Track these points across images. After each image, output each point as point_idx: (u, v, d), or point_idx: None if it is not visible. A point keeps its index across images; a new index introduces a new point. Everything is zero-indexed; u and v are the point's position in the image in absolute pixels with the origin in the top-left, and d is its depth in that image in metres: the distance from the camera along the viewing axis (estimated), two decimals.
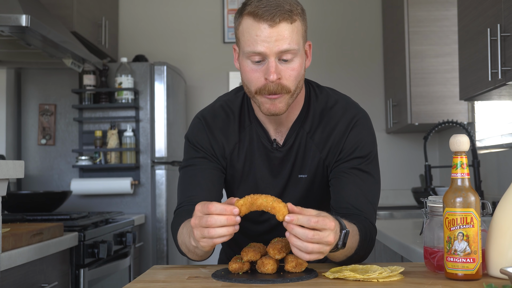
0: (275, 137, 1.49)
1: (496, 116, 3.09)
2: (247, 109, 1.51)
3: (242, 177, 1.51)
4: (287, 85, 1.36)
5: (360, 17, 4.20)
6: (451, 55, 3.36)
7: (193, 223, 1.18)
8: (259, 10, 1.32)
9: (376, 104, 4.14)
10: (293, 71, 1.36)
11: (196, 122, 1.53)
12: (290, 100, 1.39)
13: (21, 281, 1.93)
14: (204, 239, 1.17)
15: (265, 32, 1.32)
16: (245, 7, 1.36)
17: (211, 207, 1.15)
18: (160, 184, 3.49)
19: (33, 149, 3.50)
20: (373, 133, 1.49)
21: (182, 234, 1.35)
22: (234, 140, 1.50)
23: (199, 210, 1.18)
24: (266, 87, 1.35)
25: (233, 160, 1.50)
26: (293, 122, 1.48)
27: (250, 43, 1.34)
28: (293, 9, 1.34)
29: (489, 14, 2.15)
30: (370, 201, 1.43)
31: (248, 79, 1.39)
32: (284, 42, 1.32)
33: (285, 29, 1.32)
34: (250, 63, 1.36)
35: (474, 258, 1.15)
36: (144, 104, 3.48)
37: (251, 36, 1.33)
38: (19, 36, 2.64)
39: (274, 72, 1.33)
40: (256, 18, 1.32)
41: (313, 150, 1.47)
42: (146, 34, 4.21)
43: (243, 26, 1.36)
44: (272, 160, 1.49)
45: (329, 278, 1.21)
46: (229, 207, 1.16)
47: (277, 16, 1.31)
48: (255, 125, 1.50)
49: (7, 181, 1.74)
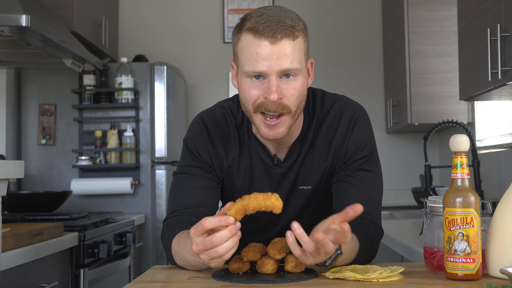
0: (275, 153, 1.45)
1: (496, 116, 3.09)
2: (246, 124, 1.46)
3: (241, 193, 1.45)
4: (288, 105, 1.31)
5: (360, 17, 4.20)
6: (451, 55, 3.36)
7: (196, 250, 1.13)
8: (259, 26, 1.26)
9: (376, 104, 4.14)
10: (295, 91, 1.31)
11: (196, 127, 1.48)
12: (291, 122, 1.34)
13: (21, 281, 1.93)
14: (213, 259, 1.13)
15: (266, 49, 1.26)
16: (244, 23, 1.30)
17: (206, 224, 1.11)
18: (160, 184, 3.49)
19: (33, 149, 3.50)
20: (371, 128, 1.47)
21: (179, 253, 1.29)
22: (233, 154, 1.46)
23: (195, 234, 1.13)
24: (264, 105, 1.30)
25: (231, 174, 1.47)
26: (295, 139, 1.44)
27: (250, 62, 1.28)
28: (295, 24, 1.29)
29: (489, 14, 2.15)
30: (375, 201, 1.42)
31: (246, 98, 1.33)
32: (286, 60, 1.27)
33: (287, 46, 1.27)
34: (250, 81, 1.31)
35: (474, 258, 1.15)
36: (144, 104, 3.48)
37: (251, 54, 1.28)
38: (19, 36, 2.64)
39: (275, 91, 1.28)
40: (256, 34, 1.27)
41: (317, 161, 1.44)
42: (146, 34, 4.21)
43: (242, 43, 1.30)
44: (273, 176, 1.46)
45: (329, 278, 1.21)
46: (223, 217, 1.12)
47: (278, 32, 1.25)
48: (254, 141, 1.45)
49: (7, 181, 1.74)
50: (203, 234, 1.13)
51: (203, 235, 1.13)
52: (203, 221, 1.11)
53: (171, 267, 1.39)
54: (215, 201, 1.47)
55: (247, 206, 1.14)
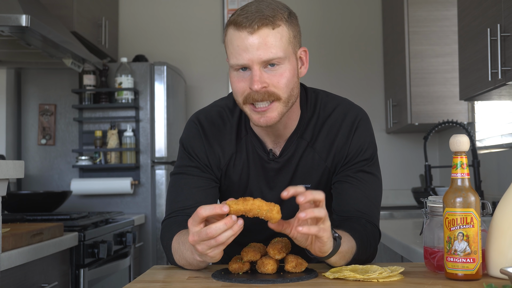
0: (271, 148, 1.46)
1: (496, 116, 3.09)
2: (244, 119, 1.47)
3: (239, 189, 1.48)
4: (276, 92, 1.31)
5: (360, 17, 4.20)
6: (451, 55, 3.36)
7: (192, 240, 1.15)
8: (239, 17, 1.29)
9: (376, 104, 4.14)
10: (282, 77, 1.31)
11: (192, 127, 1.49)
12: (284, 108, 1.34)
13: (21, 281, 1.93)
14: (211, 249, 1.15)
15: (246, 40, 1.27)
16: (230, 18, 1.33)
17: (200, 211, 1.12)
18: (160, 184, 3.49)
19: (33, 149, 3.50)
20: (373, 132, 1.48)
21: (179, 250, 1.30)
22: (230, 151, 1.46)
23: (192, 224, 1.15)
24: (250, 95, 1.31)
25: (228, 171, 1.47)
26: (291, 132, 1.45)
27: (233, 55, 1.30)
28: (276, 14, 1.29)
29: (489, 14, 2.15)
30: (373, 202, 1.43)
31: (235, 90, 1.35)
32: (266, 50, 1.27)
33: (266, 35, 1.27)
34: (236, 73, 1.33)
35: (474, 258, 1.15)
36: (144, 104, 3.49)
37: (234, 47, 1.29)
38: (19, 36, 2.64)
39: (258, 81, 1.28)
40: (236, 26, 1.29)
41: (317, 160, 1.44)
42: (146, 34, 4.21)
43: (227, 37, 1.33)
44: (268, 171, 1.46)
45: (329, 278, 1.21)
46: (218, 205, 1.13)
47: (255, 22, 1.27)
48: (251, 135, 1.46)
49: (7, 181, 1.74)
50: (200, 224, 1.14)
51: (200, 224, 1.14)
52: (198, 209, 1.13)
53: (171, 267, 1.39)
54: (213, 200, 1.47)
55: (249, 211, 1.14)
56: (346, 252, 1.26)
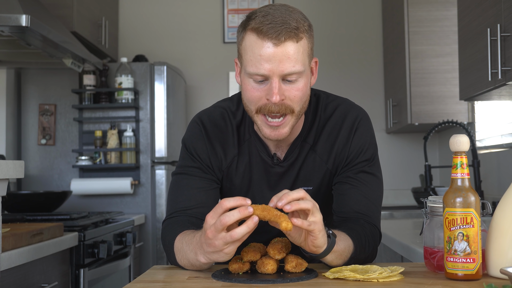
0: (275, 152, 1.45)
1: (496, 116, 3.09)
2: (247, 122, 1.47)
3: (240, 191, 1.47)
4: (291, 105, 1.31)
5: (360, 17, 4.20)
6: (451, 55, 3.36)
7: (211, 235, 1.14)
8: (263, 26, 1.26)
9: (376, 104, 4.14)
10: (298, 92, 1.31)
11: (195, 127, 1.48)
12: (295, 121, 1.34)
13: (21, 281, 1.93)
14: (227, 245, 1.14)
15: (269, 51, 1.26)
16: (249, 22, 1.30)
17: (224, 202, 1.13)
18: (160, 184, 3.49)
19: (33, 149, 3.50)
20: (373, 132, 1.48)
21: (182, 250, 1.30)
22: (232, 153, 1.46)
23: (211, 217, 1.15)
24: (267, 106, 1.30)
25: (230, 173, 1.47)
26: (296, 137, 1.44)
27: (253, 64, 1.28)
28: (300, 26, 1.28)
29: (489, 14, 2.15)
30: (373, 203, 1.42)
31: (249, 98, 1.33)
32: (288, 64, 1.26)
33: (290, 48, 1.26)
34: (252, 81, 1.31)
35: (474, 258, 1.15)
36: (144, 104, 3.49)
37: (254, 55, 1.27)
38: (19, 36, 2.64)
39: (277, 93, 1.28)
40: (260, 35, 1.26)
41: (318, 162, 1.44)
42: (146, 34, 4.21)
43: (246, 42, 1.30)
44: (272, 175, 1.46)
45: (329, 278, 1.21)
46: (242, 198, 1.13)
47: (282, 34, 1.25)
48: (254, 138, 1.46)
49: (7, 181, 1.74)
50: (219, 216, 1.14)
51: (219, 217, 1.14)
52: (222, 200, 1.14)
53: (171, 267, 1.39)
54: (215, 201, 1.46)
55: (264, 218, 1.14)
56: (343, 251, 1.26)
